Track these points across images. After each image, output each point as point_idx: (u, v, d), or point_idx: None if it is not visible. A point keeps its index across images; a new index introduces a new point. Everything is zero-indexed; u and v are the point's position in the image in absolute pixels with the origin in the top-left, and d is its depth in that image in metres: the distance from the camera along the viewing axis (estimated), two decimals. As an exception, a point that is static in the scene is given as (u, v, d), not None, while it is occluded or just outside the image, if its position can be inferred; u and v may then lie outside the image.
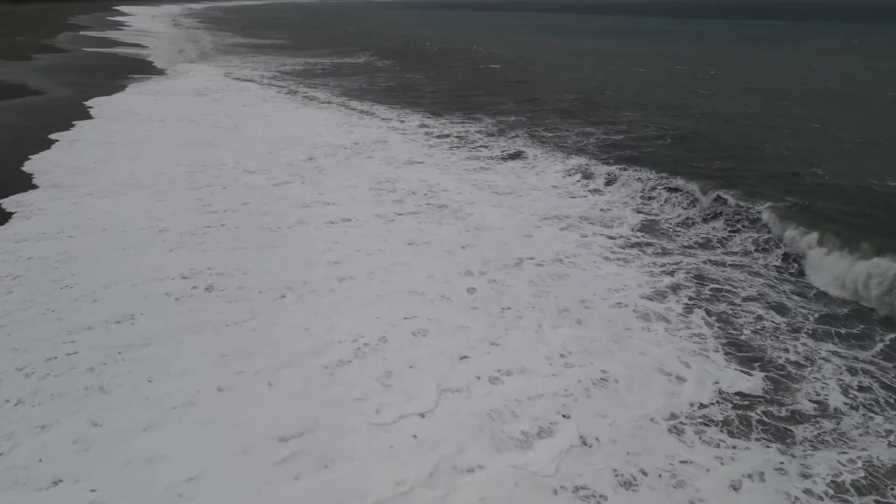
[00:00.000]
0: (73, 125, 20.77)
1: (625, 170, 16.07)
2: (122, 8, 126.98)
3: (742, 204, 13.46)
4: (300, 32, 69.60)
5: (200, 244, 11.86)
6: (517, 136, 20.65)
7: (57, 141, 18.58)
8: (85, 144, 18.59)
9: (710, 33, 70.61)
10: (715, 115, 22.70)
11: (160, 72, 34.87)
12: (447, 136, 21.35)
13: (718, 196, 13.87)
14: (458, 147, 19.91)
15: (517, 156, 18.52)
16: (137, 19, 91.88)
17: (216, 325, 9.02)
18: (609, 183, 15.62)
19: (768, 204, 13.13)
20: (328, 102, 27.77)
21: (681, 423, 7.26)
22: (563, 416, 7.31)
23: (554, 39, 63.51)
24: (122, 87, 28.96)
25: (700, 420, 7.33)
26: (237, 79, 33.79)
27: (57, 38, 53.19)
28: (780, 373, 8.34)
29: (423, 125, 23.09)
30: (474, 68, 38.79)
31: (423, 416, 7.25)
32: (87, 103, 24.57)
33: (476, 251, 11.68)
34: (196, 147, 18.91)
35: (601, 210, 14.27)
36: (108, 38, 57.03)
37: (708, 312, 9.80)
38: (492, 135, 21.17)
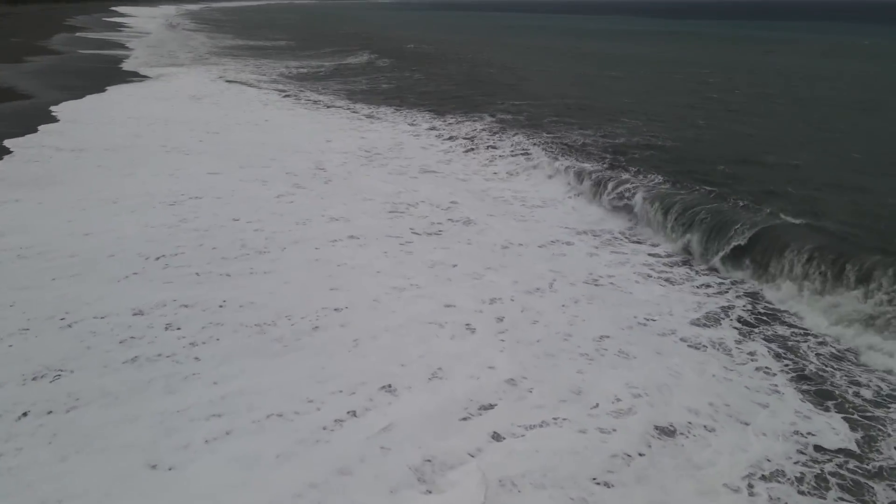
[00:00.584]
0: (37, 129, 19.10)
1: (650, 179, 14.50)
2: (120, 9, 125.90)
3: (791, 220, 11.50)
4: (297, 34, 68.46)
5: (165, 269, 10.04)
6: (533, 142, 18.84)
7: (11, 149, 16.73)
8: (45, 152, 16.80)
9: (715, 35, 69.41)
10: (727, 122, 21.14)
11: (153, 74, 33.58)
12: (461, 139, 19.98)
13: (762, 210, 12.34)
14: (472, 151, 18.56)
15: (537, 165, 16.92)
16: (135, 20, 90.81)
17: (168, 376, 7.31)
18: (637, 195, 13.84)
19: (813, 221, 11.55)
20: (332, 106, 26.60)
21: (757, 485, 6.10)
22: (606, 485, 5.91)
23: (557, 41, 62.40)
24: (109, 90, 27.59)
25: (777, 479, 6.16)
26: (233, 82, 32.59)
27: (52, 40, 52.06)
28: (861, 414, 7.20)
29: (433, 127, 21.79)
30: (476, 70, 37.43)
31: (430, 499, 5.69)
32: (61, 107, 22.79)
33: (503, 272, 10.40)
34: (183, 154, 17.38)
35: (633, 223, 13.01)
36: (104, 39, 55.91)
37: (767, 339, 8.69)
38: (501, 137, 19.58)
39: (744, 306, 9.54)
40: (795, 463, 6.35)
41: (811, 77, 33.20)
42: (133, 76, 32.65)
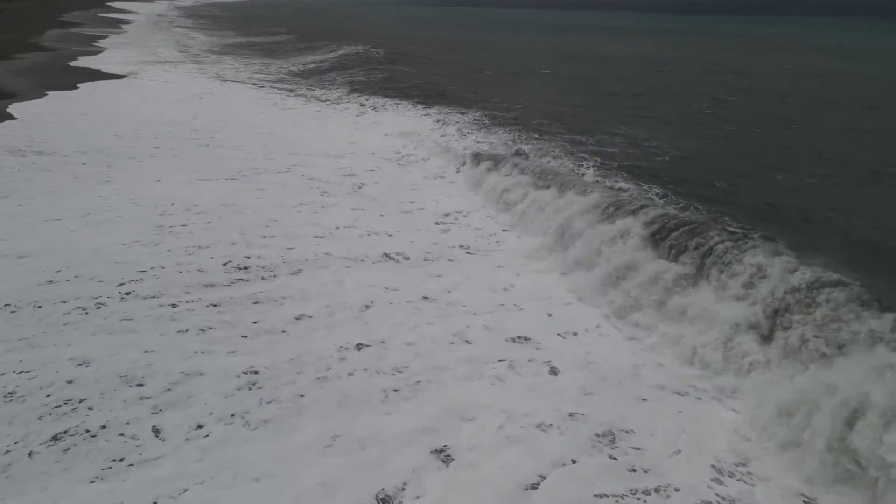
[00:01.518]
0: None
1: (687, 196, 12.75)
2: (116, 4, 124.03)
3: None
4: (294, 30, 66.85)
5: (126, 300, 7.69)
6: (570, 150, 16.65)
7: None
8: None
9: (728, 33, 67.57)
10: (742, 129, 19.10)
11: (147, 74, 32.01)
12: (497, 138, 17.78)
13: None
14: (516, 156, 15.80)
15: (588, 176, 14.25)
16: (130, 17, 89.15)
17: (107, 462, 5.06)
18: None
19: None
20: (341, 102, 25.20)
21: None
22: None
23: (560, 41, 60.99)
24: (81, 87, 25.82)
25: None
26: (232, 81, 31.04)
27: (45, 37, 50.51)
28: None
29: (457, 127, 20.13)
30: (481, 69, 35.76)
31: None
32: (23, 105, 20.52)
33: (577, 294, 8.92)
34: (176, 158, 15.64)
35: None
36: (99, 36, 54.41)
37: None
38: (539, 140, 17.36)
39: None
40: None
41: (830, 78, 31.43)
42: (127, 75, 31.16)
